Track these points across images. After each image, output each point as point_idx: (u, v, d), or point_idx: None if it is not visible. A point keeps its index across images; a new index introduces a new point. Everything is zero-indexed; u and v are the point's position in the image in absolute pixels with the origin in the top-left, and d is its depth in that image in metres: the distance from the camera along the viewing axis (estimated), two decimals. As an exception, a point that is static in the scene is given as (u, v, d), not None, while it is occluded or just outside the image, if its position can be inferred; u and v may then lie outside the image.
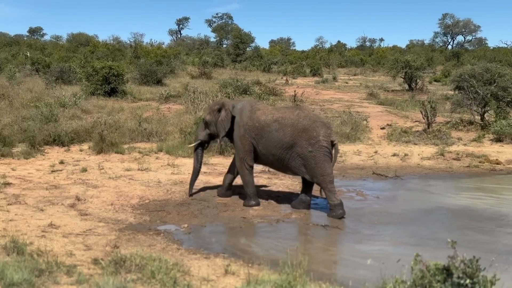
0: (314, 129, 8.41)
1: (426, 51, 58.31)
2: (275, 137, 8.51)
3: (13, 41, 56.90)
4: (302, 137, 8.37)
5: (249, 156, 8.89)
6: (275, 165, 8.95)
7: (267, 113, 8.75)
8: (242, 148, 8.90)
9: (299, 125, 8.44)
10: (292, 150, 8.46)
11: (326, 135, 8.42)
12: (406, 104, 22.11)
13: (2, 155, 11.78)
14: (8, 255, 5.06)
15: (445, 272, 3.57)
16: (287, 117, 8.56)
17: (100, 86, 21.55)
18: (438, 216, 8.61)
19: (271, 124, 8.58)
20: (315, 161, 8.36)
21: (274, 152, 8.60)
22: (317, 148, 8.35)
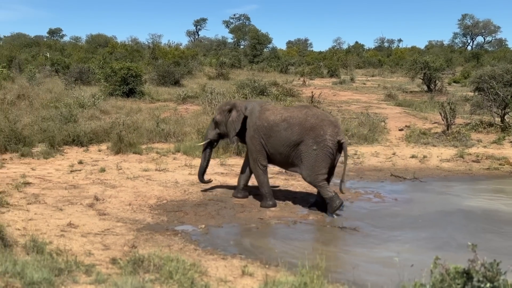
0: (322, 127, 8.42)
1: (445, 52, 57.83)
2: (283, 136, 8.56)
3: (33, 42, 57.68)
4: (309, 135, 8.40)
5: (262, 156, 8.95)
6: (282, 163, 9.00)
7: (276, 113, 8.81)
8: (254, 148, 8.97)
9: (306, 123, 8.47)
10: (298, 147, 8.50)
11: (333, 134, 8.42)
12: (425, 105, 21.92)
13: (22, 155, 11.94)
14: (28, 254, 5.11)
15: (465, 276, 3.53)
16: (295, 116, 8.59)
17: (119, 87, 21.72)
18: (457, 218, 8.50)
19: (280, 124, 8.64)
20: (316, 159, 8.39)
21: (281, 150, 8.67)
22: (322, 147, 8.37)
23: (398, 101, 23.77)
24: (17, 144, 12.30)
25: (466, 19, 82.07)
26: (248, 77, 28.15)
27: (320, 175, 8.46)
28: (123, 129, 13.72)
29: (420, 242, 7.31)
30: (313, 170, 8.44)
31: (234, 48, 68.65)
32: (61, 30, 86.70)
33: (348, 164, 12.28)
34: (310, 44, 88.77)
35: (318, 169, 8.42)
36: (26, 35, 66.62)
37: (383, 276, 5.93)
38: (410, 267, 5.64)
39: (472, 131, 16.10)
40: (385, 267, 6.22)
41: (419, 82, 30.51)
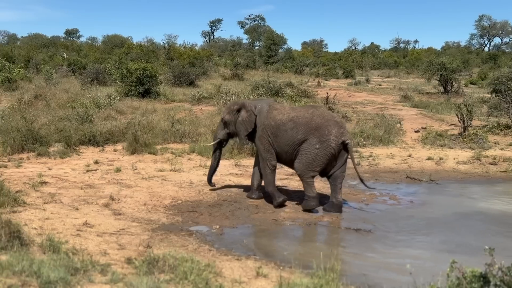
0: (327, 127, 8.49)
1: (462, 53, 57.29)
2: (289, 135, 8.66)
3: (50, 43, 58.22)
4: (314, 134, 8.49)
5: (272, 155, 9.04)
6: (288, 162, 9.08)
7: (284, 113, 8.91)
8: (263, 148, 9.08)
9: (312, 123, 8.55)
10: (301, 146, 8.60)
11: (337, 135, 8.48)
12: (441, 107, 21.73)
13: (39, 154, 12.06)
14: (44, 253, 5.15)
15: (482, 280, 3.49)
16: (301, 116, 8.69)
17: (134, 87, 21.84)
18: (474, 221, 8.42)
19: (287, 123, 8.72)
20: (314, 157, 8.49)
21: (287, 149, 8.78)
22: (325, 146, 8.46)
23: (414, 103, 23.60)
24: (34, 143, 12.43)
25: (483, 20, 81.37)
26: (263, 77, 28.15)
27: (312, 171, 8.61)
28: (138, 129, 13.79)
29: (436, 245, 7.25)
30: (307, 166, 8.55)
31: (249, 49, 68.72)
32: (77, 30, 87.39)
33: (360, 164, 12.26)
34: (325, 45, 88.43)
35: (312, 166, 8.54)
36: (43, 35, 67.18)
37: (398, 280, 5.89)
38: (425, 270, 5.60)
39: (489, 133, 15.93)
40: (400, 270, 6.18)
41: (435, 84, 30.25)
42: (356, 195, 9.85)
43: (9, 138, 12.34)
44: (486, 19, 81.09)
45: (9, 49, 40.30)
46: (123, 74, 23.03)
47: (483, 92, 28.34)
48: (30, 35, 68.14)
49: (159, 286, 4.06)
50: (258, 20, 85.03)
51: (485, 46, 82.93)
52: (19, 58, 36.56)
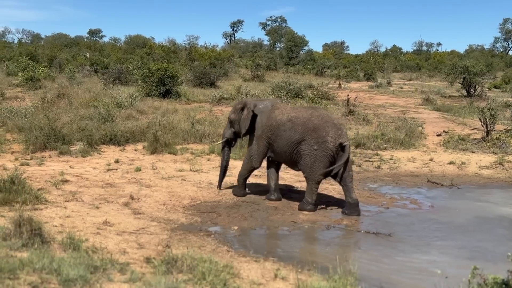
0: (324, 128, 8.62)
1: (486, 57, 56.54)
2: (288, 135, 8.87)
3: (73, 42, 58.95)
4: (311, 135, 8.63)
5: (259, 158, 9.43)
6: (287, 161, 9.25)
7: (284, 113, 9.12)
8: (257, 148, 9.39)
9: (310, 124, 8.71)
10: (300, 147, 8.75)
11: (335, 136, 8.59)
12: (464, 110, 21.45)
13: (61, 153, 12.20)
14: (65, 251, 5.20)
15: (504, 287, 3.43)
16: (300, 116, 8.87)
17: (156, 88, 21.96)
18: (495, 227, 8.29)
19: (286, 123, 8.92)
20: (315, 159, 8.62)
21: (285, 149, 8.95)
22: (322, 148, 8.58)
23: (436, 106, 23.33)
24: (56, 142, 12.58)
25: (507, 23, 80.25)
26: (284, 79, 28.06)
27: (316, 175, 8.72)
28: (159, 129, 13.88)
29: (457, 251, 7.15)
30: (310, 168, 8.69)
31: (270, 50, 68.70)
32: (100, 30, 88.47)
33: (381, 168, 12.16)
34: (346, 47, 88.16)
35: (316, 169, 8.66)
36: (66, 35, 68.07)
37: (417, 285, 5.83)
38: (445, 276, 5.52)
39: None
40: (420, 275, 6.11)
41: (458, 87, 29.89)
42: (376, 198, 9.77)
43: (32, 136, 12.51)
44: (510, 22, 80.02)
45: (33, 49, 40.89)
46: (145, 74, 23.18)
47: (506, 96, 27.95)
48: (53, 34, 69.10)
49: (177, 286, 4.07)
50: (280, 21, 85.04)
51: (509, 50, 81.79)
52: (43, 57, 37.05)
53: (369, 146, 14.27)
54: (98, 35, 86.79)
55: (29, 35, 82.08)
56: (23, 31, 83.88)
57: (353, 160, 12.65)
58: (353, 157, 13.01)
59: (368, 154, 13.65)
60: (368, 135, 14.94)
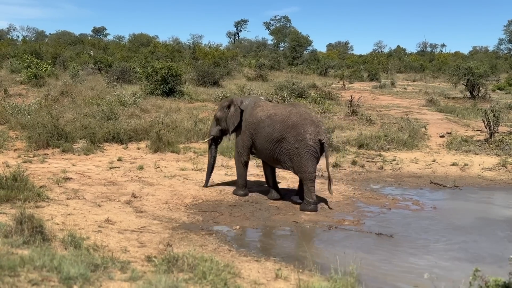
0: (302, 126, 8.72)
1: (490, 58, 56.33)
2: (267, 132, 8.99)
3: (77, 40, 59.02)
4: (290, 133, 8.73)
5: (246, 152, 9.54)
6: (268, 159, 9.33)
7: (264, 110, 9.26)
8: (241, 143, 9.53)
9: (288, 121, 8.81)
10: (281, 145, 8.84)
11: (313, 133, 8.69)
12: (468, 112, 21.40)
13: (63, 150, 12.22)
14: (66, 249, 5.20)
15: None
16: (279, 114, 9.00)
17: (159, 86, 21.98)
18: (498, 229, 8.26)
19: (265, 120, 9.07)
20: (300, 157, 8.69)
21: (266, 146, 9.07)
22: (303, 145, 8.67)
23: (440, 107, 23.28)
24: (59, 139, 12.60)
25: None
26: (287, 79, 28.06)
27: (308, 174, 8.76)
28: (162, 128, 13.89)
29: (459, 253, 7.13)
30: (301, 168, 8.74)
31: (273, 50, 68.72)
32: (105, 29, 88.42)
33: (384, 168, 12.14)
34: (350, 47, 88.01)
35: (305, 168, 8.72)
36: (71, 33, 68.19)
37: (419, 286, 5.81)
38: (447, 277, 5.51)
39: (516, 139, 15.61)
40: (421, 276, 6.09)
41: (462, 88, 29.82)
42: (379, 199, 9.75)
43: (35, 133, 12.53)
44: (515, 23, 79.71)
45: (37, 46, 40.99)
46: (148, 73, 23.20)
47: (510, 98, 27.88)
48: (58, 32, 69.30)
49: (177, 285, 4.06)
50: (284, 21, 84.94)
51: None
52: (47, 55, 37.13)
53: (372, 147, 14.25)
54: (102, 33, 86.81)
55: (34, 33, 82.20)
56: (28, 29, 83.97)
57: (356, 161, 12.64)
58: (356, 157, 13.00)
59: (371, 154, 13.63)
60: (371, 136, 14.91)
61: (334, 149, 13.61)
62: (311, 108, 19.79)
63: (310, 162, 8.69)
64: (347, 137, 15.11)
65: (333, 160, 12.53)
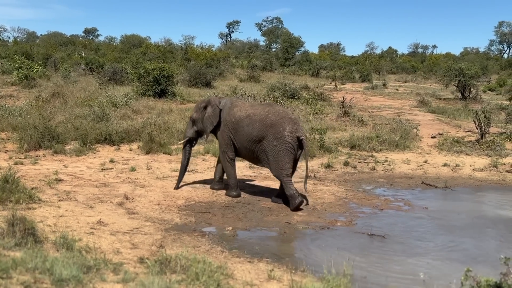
0: (281, 124, 8.91)
1: (481, 59, 56.69)
2: (246, 131, 9.16)
3: (69, 41, 58.83)
4: (269, 131, 8.91)
5: (230, 149, 9.58)
6: (249, 157, 9.61)
7: (242, 110, 9.43)
8: (223, 142, 9.62)
9: (267, 120, 9.00)
10: (261, 143, 9.03)
11: (291, 131, 8.88)
12: (459, 113, 21.53)
13: (55, 152, 12.16)
14: (58, 251, 5.18)
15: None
16: (257, 113, 9.18)
17: (151, 87, 21.94)
18: (489, 229, 8.31)
19: (244, 120, 9.24)
20: (278, 154, 8.89)
21: (246, 145, 9.25)
22: (281, 142, 8.85)
23: (431, 108, 23.41)
24: (51, 141, 12.54)
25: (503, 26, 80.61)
26: (279, 80, 28.10)
27: (284, 170, 8.92)
28: (154, 129, 13.86)
29: (451, 253, 7.17)
30: (277, 165, 8.91)
31: (266, 51, 68.77)
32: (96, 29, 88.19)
33: (376, 169, 12.18)
34: (342, 48, 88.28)
35: (281, 164, 8.89)
36: (62, 34, 67.92)
37: (411, 286, 5.84)
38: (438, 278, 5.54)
39: (506, 140, 15.73)
40: (414, 276, 6.12)
41: (453, 89, 29.99)
42: (371, 200, 9.78)
43: (26, 135, 12.46)
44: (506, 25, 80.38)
45: (28, 47, 40.80)
46: (140, 74, 23.15)
47: (501, 99, 28.06)
48: (49, 33, 68.98)
49: (170, 286, 4.06)
50: (276, 22, 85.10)
51: (504, 53, 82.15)
52: (38, 56, 36.96)
53: (364, 148, 14.29)
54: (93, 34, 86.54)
55: (25, 34, 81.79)
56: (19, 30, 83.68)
57: (348, 162, 12.68)
58: (348, 158, 13.03)
59: (363, 155, 13.67)
60: (363, 137, 14.95)
61: (326, 150, 13.65)
62: (303, 109, 19.84)
63: (287, 159, 8.88)
64: (339, 138, 15.15)
65: (325, 161, 12.56)
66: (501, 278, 3.46)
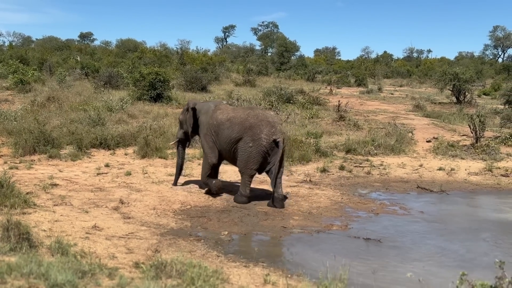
0: (259, 127, 9.22)
1: (476, 64, 56.98)
2: (226, 134, 9.45)
3: (64, 46, 58.64)
4: (247, 133, 9.23)
5: (213, 153, 9.81)
6: (229, 159, 9.86)
7: (224, 113, 9.70)
8: (207, 145, 9.88)
9: (246, 123, 9.30)
10: (238, 144, 9.34)
11: (268, 134, 9.16)
12: (454, 117, 21.61)
13: (50, 156, 12.12)
14: (53, 256, 5.16)
15: (492, 293, 3.45)
16: (237, 116, 9.48)
17: (147, 92, 21.91)
18: (484, 233, 8.33)
19: (225, 123, 9.52)
20: (249, 154, 9.20)
21: (225, 147, 9.54)
22: (257, 145, 9.16)
23: (426, 112, 23.49)
24: (46, 145, 12.50)
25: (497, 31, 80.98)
26: (275, 84, 28.16)
27: (250, 170, 9.31)
28: (149, 133, 13.84)
29: (446, 257, 7.18)
30: (244, 164, 9.28)
31: (261, 55, 68.85)
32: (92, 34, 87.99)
33: (371, 174, 12.20)
34: (338, 53, 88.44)
35: (249, 164, 9.24)
36: (57, 38, 67.79)
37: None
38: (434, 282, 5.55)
39: (501, 144, 15.80)
40: (409, 281, 6.12)
41: (448, 94, 30.10)
42: (366, 204, 9.80)
43: (21, 139, 12.42)
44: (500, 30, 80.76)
45: (24, 51, 40.68)
46: (136, 78, 23.13)
47: (496, 103, 28.17)
48: (44, 37, 68.87)
49: (166, 291, 4.05)
50: (271, 27, 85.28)
51: (499, 57, 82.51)
52: (33, 60, 36.86)
53: (359, 152, 14.31)
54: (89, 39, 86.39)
55: (20, 38, 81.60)
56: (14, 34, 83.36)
57: (344, 166, 12.69)
58: (344, 162, 13.05)
59: (359, 159, 13.69)
60: (359, 141, 14.98)
61: (322, 154, 13.66)
62: (299, 113, 19.87)
63: (255, 160, 9.20)
64: (335, 142, 15.17)
65: (321, 165, 12.57)
66: (496, 282, 3.46)
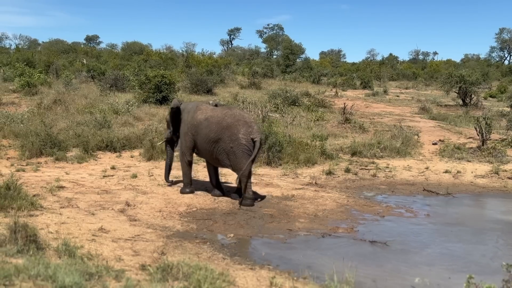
0: (236, 126, 9.37)
1: (482, 66, 56.80)
2: (204, 133, 9.61)
3: (70, 49, 58.98)
4: (225, 133, 9.37)
5: (189, 152, 10.07)
6: (209, 158, 9.95)
7: (203, 113, 9.85)
8: (184, 144, 10.08)
9: (223, 123, 9.45)
10: (218, 145, 9.46)
11: (246, 133, 9.33)
12: (460, 119, 21.54)
13: (57, 159, 12.18)
14: (60, 258, 5.18)
15: (499, 297, 3.44)
16: (215, 116, 9.63)
17: (152, 94, 21.98)
18: (491, 236, 8.30)
19: (203, 122, 9.69)
20: (235, 156, 9.33)
21: (205, 146, 9.68)
22: (237, 144, 9.31)
23: (432, 115, 23.43)
24: (52, 148, 12.56)
25: (503, 33, 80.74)
26: (280, 87, 28.16)
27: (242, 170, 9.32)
28: (155, 136, 13.87)
29: (453, 260, 7.15)
30: (238, 166, 9.35)
31: (267, 58, 68.91)
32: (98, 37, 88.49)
33: (377, 176, 12.18)
34: (343, 55, 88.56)
35: (240, 165, 9.32)
36: (64, 41, 68.15)
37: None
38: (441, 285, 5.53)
39: (508, 147, 15.72)
40: (415, 284, 6.10)
41: (454, 96, 30.01)
42: (372, 206, 9.78)
43: (28, 142, 12.50)
44: (506, 32, 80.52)
45: (30, 54, 40.86)
46: (142, 81, 23.21)
47: (502, 105, 28.08)
48: (51, 40, 69.22)
49: (172, 293, 4.06)
50: (277, 29, 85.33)
51: (505, 59, 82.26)
52: (40, 63, 37.03)
53: (365, 154, 14.30)
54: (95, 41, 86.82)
55: (26, 41, 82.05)
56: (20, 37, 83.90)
57: (349, 168, 12.67)
58: (349, 165, 13.03)
59: (364, 162, 13.67)
60: (364, 143, 14.96)
61: (328, 156, 13.65)
62: (304, 116, 19.86)
63: (244, 160, 9.28)
64: (341, 145, 15.16)
65: (327, 167, 12.56)
66: (504, 285, 3.46)
